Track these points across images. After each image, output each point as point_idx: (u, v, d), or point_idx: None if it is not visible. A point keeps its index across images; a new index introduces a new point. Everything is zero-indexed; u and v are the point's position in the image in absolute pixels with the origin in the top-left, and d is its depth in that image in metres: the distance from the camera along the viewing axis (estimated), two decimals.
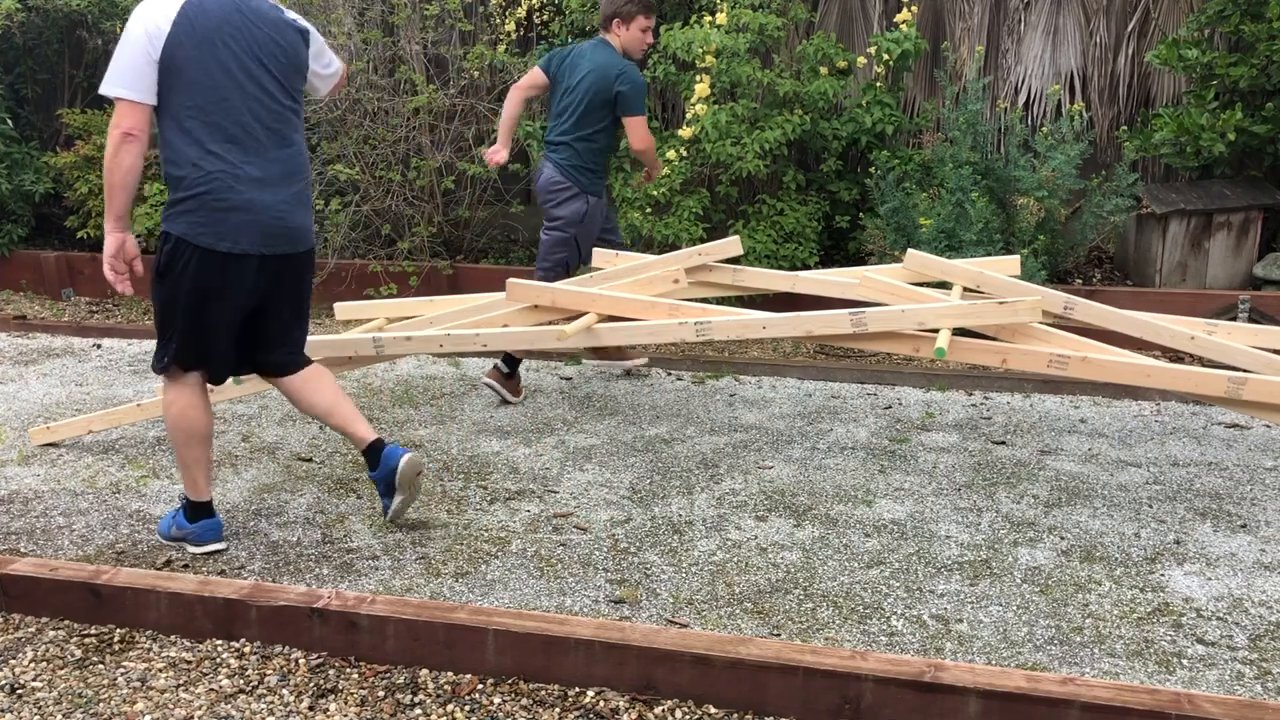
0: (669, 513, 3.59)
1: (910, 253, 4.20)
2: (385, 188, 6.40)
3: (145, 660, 2.75)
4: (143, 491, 3.78)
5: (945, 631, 2.83)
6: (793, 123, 5.80)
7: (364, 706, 2.54)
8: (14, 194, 6.87)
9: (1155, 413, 4.66)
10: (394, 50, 6.71)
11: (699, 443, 4.28)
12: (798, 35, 6.63)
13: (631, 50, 4.65)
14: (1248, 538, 3.40)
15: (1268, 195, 5.81)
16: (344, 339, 4.04)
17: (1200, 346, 3.77)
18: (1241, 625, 2.86)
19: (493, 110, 6.45)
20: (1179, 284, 5.83)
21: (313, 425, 4.49)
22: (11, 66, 7.27)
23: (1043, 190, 5.51)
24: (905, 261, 4.13)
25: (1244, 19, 5.57)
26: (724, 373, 5.27)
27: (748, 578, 3.12)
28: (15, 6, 6.80)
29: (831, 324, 3.66)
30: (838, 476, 3.92)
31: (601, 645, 2.58)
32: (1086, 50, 6.49)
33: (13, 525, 3.49)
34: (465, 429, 4.46)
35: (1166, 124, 5.73)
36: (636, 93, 4.57)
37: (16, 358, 5.59)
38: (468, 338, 3.96)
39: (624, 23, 4.61)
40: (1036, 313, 3.59)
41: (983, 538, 3.40)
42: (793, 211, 5.98)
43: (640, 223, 5.78)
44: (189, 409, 3.23)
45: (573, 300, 4.00)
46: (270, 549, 3.32)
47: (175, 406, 3.23)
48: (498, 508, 3.64)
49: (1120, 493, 3.77)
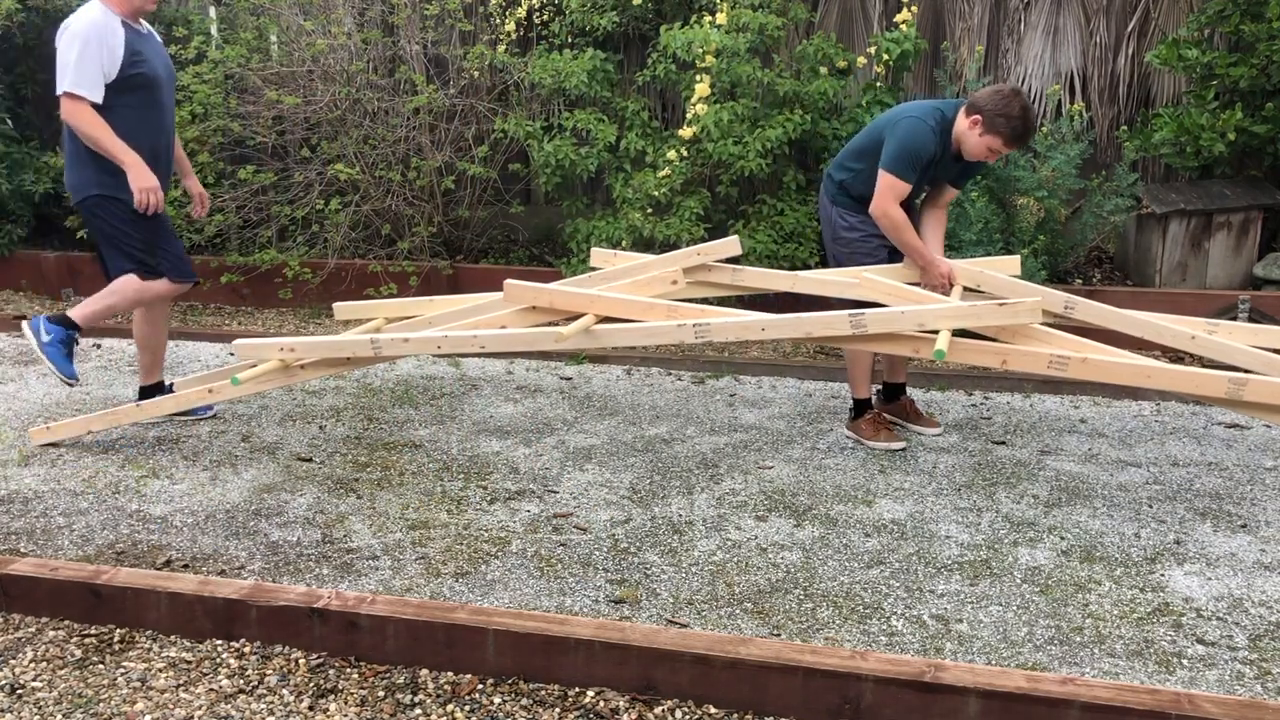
0: (669, 513, 3.59)
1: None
2: (385, 188, 6.40)
3: (145, 660, 2.75)
4: (143, 491, 3.78)
5: (945, 631, 2.83)
6: (793, 122, 5.80)
7: (364, 706, 2.54)
8: (14, 194, 6.87)
9: (1155, 413, 4.66)
10: (394, 50, 6.71)
11: (699, 443, 4.28)
12: (798, 35, 6.63)
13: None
14: (1248, 538, 3.39)
15: (1268, 195, 5.81)
16: (341, 340, 4.04)
17: (1201, 346, 3.77)
18: (1241, 625, 2.86)
19: (492, 110, 6.46)
20: (1179, 284, 5.83)
21: (313, 425, 4.49)
22: (11, 66, 7.26)
23: (1043, 190, 5.51)
24: (905, 262, 4.13)
25: (1244, 19, 5.57)
26: (724, 373, 5.27)
27: (748, 578, 3.12)
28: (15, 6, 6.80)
29: (831, 325, 3.65)
30: (838, 476, 3.92)
31: (601, 645, 2.59)
32: (1086, 50, 6.49)
33: (13, 525, 3.49)
34: (465, 429, 4.46)
35: (1166, 124, 5.73)
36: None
37: (16, 358, 5.59)
38: (465, 339, 3.96)
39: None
40: (1037, 313, 3.58)
41: (983, 538, 3.40)
42: (793, 211, 5.97)
43: (641, 223, 5.78)
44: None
45: (571, 301, 4.00)
46: (270, 549, 3.32)
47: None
48: (498, 508, 3.64)
49: (1120, 493, 3.77)
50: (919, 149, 3.93)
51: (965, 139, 3.96)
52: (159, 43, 4.30)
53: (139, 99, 4.07)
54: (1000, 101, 3.87)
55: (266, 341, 4.08)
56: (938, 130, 3.96)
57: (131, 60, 4.01)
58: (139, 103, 4.08)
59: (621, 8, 6.31)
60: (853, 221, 4.18)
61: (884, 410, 4.45)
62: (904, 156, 3.92)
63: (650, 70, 6.13)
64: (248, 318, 6.49)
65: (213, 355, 5.57)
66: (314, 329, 6.16)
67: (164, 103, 4.20)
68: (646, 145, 6.03)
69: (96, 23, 3.95)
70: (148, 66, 4.08)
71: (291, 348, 4.04)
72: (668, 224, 5.77)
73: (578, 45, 6.45)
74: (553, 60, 6.16)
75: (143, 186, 4.05)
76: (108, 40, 3.96)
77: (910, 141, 3.93)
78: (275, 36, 6.65)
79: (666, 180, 5.77)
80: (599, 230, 5.96)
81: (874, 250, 4.16)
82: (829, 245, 4.36)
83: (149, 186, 4.06)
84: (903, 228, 3.98)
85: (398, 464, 4.05)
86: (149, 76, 4.08)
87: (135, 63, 4.03)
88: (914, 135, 3.93)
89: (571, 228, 6.20)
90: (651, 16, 6.40)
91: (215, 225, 6.39)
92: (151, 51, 4.14)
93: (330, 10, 6.52)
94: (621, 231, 5.83)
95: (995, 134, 3.87)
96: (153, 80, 4.11)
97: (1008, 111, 3.85)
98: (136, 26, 4.11)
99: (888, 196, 3.95)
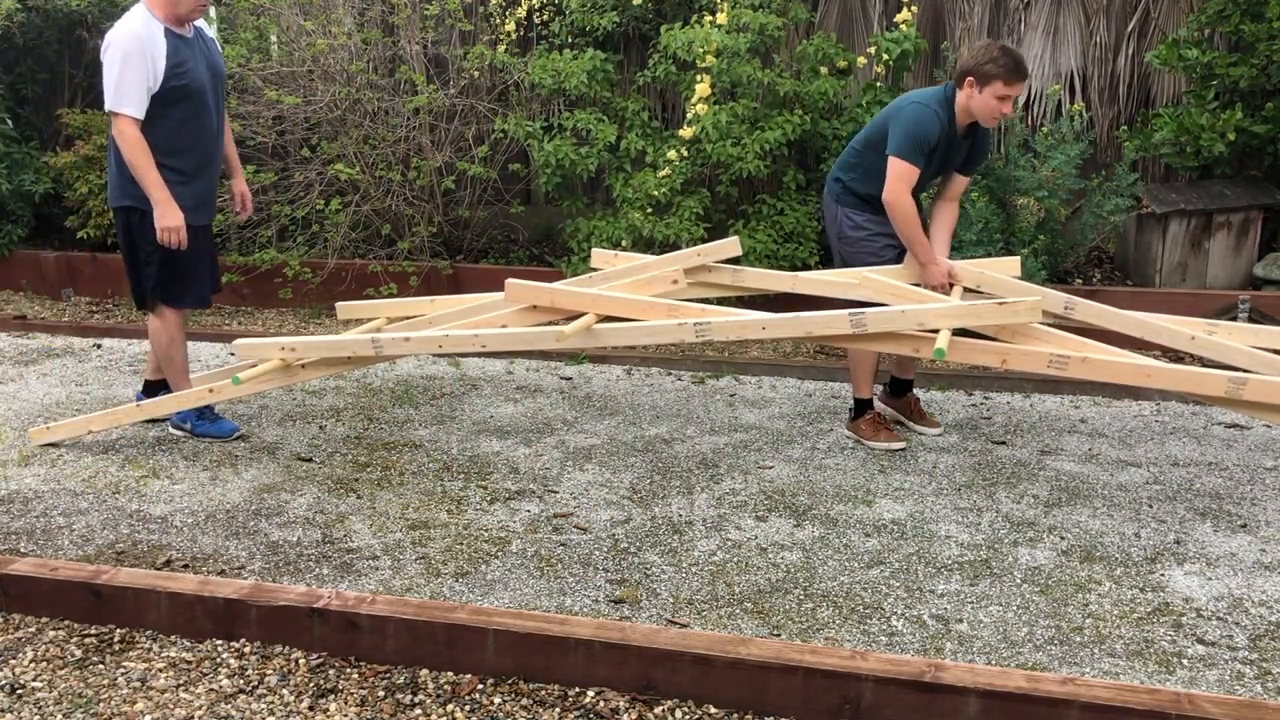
0: (669, 513, 3.59)
1: (910, 254, 4.19)
2: (385, 188, 6.40)
3: (145, 660, 2.75)
4: (143, 491, 3.78)
5: (945, 631, 2.83)
6: (793, 123, 5.80)
7: (364, 706, 2.54)
8: (14, 194, 6.87)
9: (1155, 413, 4.66)
10: (394, 50, 6.71)
11: (699, 443, 4.28)
12: (798, 35, 6.63)
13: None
14: (1248, 538, 3.39)
15: (1268, 195, 5.81)
16: (342, 339, 4.04)
17: (1200, 346, 3.77)
18: (1241, 625, 2.86)
19: (492, 110, 6.45)
20: (1179, 284, 5.83)
21: (313, 425, 4.49)
22: (11, 66, 7.27)
23: (1043, 190, 5.51)
24: (905, 261, 4.13)
25: (1244, 19, 5.57)
26: (724, 373, 5.27)
27: (748, 578, 3.12)
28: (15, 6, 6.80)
29: (831, 325, 3.65)
30: (838, 476, 3.92)
31: (601, 645, 2.59)
32: (1086, 50, 6.49)
33: (13, 525, 3.49)
34: (465, 429, 4.46)
35: (1166, 124, 5.72)
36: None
37: (16, 358, 5.59)
38: (466, 338, 3.96)
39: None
40: (1036, 313, 3.58)
41: (983, 538, 3.40)
42: (793, 211, 5.97)
43: (641, 223, 5.78)
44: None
45: (572, 301, 4.00)
46: (270, 549, 3.32)
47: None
48: (498, 508, 3.64)
49: (1120, 493, 3.77)
50: (925, 133, 3.94)
51: (973, 106, 3.96)
52: (209, 40, 4.17)
53: (182, 110, 3.97)
54: (980, 53, 3.94)
55: (267, 341, 4.08)
56: (943, 112, 3.97)
57: (174, 71, 3.89)
58: (182, 114, 3.97)
59: (621, 8, 6.31)
60: (859, 220, 4.18)
61: (888, 403, 4.47)
62: (910, 140, 3.93)
63: (650, 70, 6.13)
64: (248, 317, 6.49)
65: (213, 355, 5.57)
66: (314, 329, 6.15)
67: (209, 107, 4.08)
68: (646, 145, 6.03)
69: (138, 35, 3.84)
70: (190, 76, 3.95)
71: (292, 347, 4.04)
72: (668, 224, 5.77)
73: (578, 45, 6.45)
74: (553, 60, 6.16)
75: (165, 226, 3.95)
76: (149, 52, 3.84)
77: (915, 126, 3.94)
78: (275, 36, 6.65)
79: (666, 180, 5.77)
80: (599, 230, 5.96)
81: (880, 250, 4.17)
82: (835, 246, 4.36)
83: (171, 226, 3.96)
84: (912, 220, 3.98)
85: (398, 464, 4.05)
86: (192, 87, 3.96)
87: (177, 73, 3.91)
88: (919, 119, 3.95)
89: (571, 227, 6.20)
90: (652, 16, 6.40)
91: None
92: (196, 57, 4.01)
93: (330, 10, 6.52)
94: (621, 231, 5.83)
95: (992, 81, 3.89)
96: (196, 90, 3.99)
97: (989, 57, 3.90)
98: (181, 32, 3.97)
99: (899, 182, 3.95)
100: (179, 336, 4.26)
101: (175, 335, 4.24)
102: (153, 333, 4.27)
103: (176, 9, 3.92)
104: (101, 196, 6.62)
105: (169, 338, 4.23)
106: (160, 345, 4.26)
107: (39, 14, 7.00)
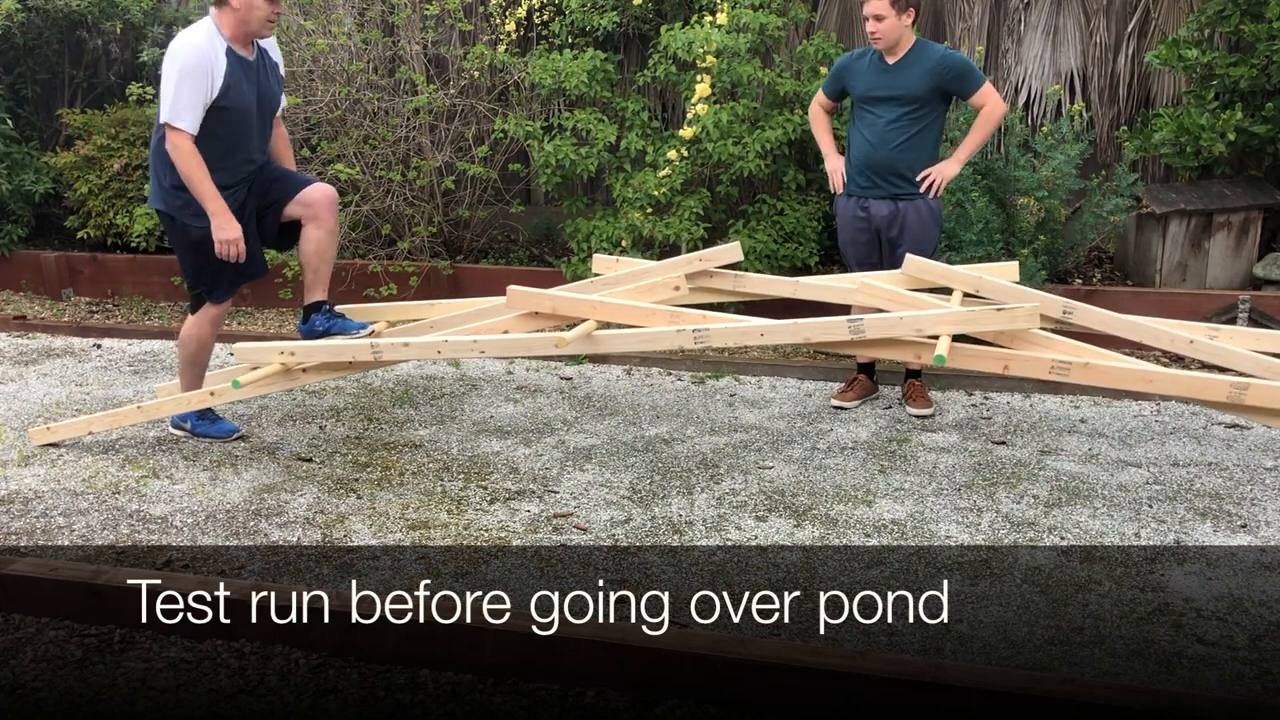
0: (669, 513, 3.59)
1: (909, 257, 4.18)
2: (385, 188, 6.40)
3: (145, 660, 2.75)
4: (143, 491, 3.78)
5: (945, 631, 2.83)
6: (793, 122, 5.80)
7: (364, 706, 2.54)
8: (14, 194, 6.86)
9: (1155, 413, 4.66)
10: (394, 50, 6.71)
11: (699, 443, 4.28)
12: (798, 35, 6.63)
13: None
14: (1248, 538, 3.40)
15: (1268, 195, 5.81)
16: (342, 344, 4.04)
17: (1199, 350, 3.77)
18: (1241, 625, 2.86)
19: (492, 110, 6.45)
20: (1179, 284, 5.82)
21: (313, 425, 4.49)
22: (11, 66, 7.26)
23: (1043, 190, 5.50)
24: (904, 266, 4.13)
25: (1244, 19, 5.56)
26: (724, 373, 5.27)
27: (748, 578, 3.13)
28: (15, 6, 6.80)
29: (830, 331, 3.65)
30: (838, 476, 3.92)
31: (601, 645, 2.58)
32: (1086, 50, 6.49)
33: (13, 525, 3.49)
34: (465, 429, 4.46)
35: (1166, 124, 5.72)
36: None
37: (16, 358, 5.59)
38: (465, 344, 3.96)
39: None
40: (1035, 319, 3.58)
41: (983, 538, 3.40)
42: (793, 211, 5.97)
43: (641, 223, 5.78)
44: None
45: (573, 307, 3.99)
46: (270, 549, 3.32)
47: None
48: (498, 508, 3.64)
49: (1120, 493, 3.77)
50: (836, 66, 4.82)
51: (904, 31, 4.49)
52: (271, 64, 4.10)
53: (226, 131, 3.91)
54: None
55: (267, 345, 4.08)
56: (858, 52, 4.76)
57: (224, 91, 3.84)
58: (226, 134, 3.91)
59: (622, 8, 6.31)
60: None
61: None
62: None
63: (650, 70, 6.13)
64: (248, 317, 6.49)
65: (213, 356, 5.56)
66: None
67: (250, 132, 4.01)
68: (646, 145, 6.03)
69: (200, 49, 3.79)
70: (237, 99, 3.89)
71: (292, 351, 4.04)
72: (668, 224, 5.77)
73: (578, 45, 6.45)
74: (553, 60, 6.16)
75: (223, 239, 3.92)
76: (210, 69, 3.80)
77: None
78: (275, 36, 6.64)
79: (666, 180, 5.77)
80: (599, 230, 5.95)
81: (855, 236, 4.70)
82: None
83: (230, 239, 3.93)
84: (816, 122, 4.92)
85: (398, 464, 4.05)
86: (236, 110, 3.90)
87: (226, 94, 3.86)
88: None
89: (571, 227, 6.19)
90: (652, 16, 6.39)
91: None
92: (250, 79, 3.95)
93: (330, 10, 6.52)
94: (621, 231, 5.83)
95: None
96: (241, 113, 3.92)
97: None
98: (243, 54, 3.92)
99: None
100: (210, 335, 4.27)
101: (207, 333, 4.25)
102: (185, 326, 4.29)
103: (247, 26, 3.88)
104: (102, 197, 6.64)
105: (200, 334, 4.25)
106: (188, 342, 4.27)
107: (39, 14, 6.99)
